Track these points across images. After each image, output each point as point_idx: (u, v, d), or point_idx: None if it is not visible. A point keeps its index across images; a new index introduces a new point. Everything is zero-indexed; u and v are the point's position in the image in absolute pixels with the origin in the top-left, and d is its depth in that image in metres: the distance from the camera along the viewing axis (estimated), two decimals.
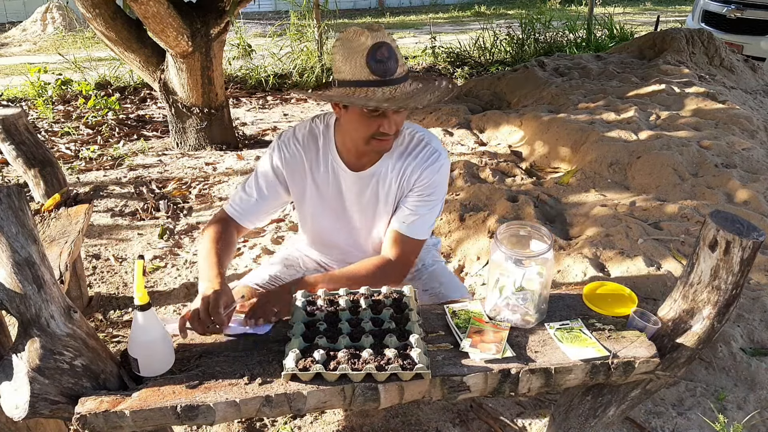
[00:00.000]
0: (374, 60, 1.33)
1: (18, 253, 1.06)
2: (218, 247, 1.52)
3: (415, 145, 1.56)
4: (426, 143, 1.56)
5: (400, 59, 1.37)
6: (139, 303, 1.18)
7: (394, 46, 1.35)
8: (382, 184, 1.57)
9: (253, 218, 1.65)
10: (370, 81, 1.34)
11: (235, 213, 1.63)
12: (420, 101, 1.37)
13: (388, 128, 1.40)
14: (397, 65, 1.35)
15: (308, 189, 1.62)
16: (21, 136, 2.21)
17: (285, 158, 1.60)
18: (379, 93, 1.35)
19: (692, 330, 1.28)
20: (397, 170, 1.56)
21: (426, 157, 1.54)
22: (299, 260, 1.85)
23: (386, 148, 1.48)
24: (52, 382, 1.11)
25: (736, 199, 2.74)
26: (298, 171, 1.60)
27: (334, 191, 1.61)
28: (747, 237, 1.16)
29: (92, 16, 3.61)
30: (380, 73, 1.34)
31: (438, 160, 1.54)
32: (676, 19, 11.38)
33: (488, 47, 7.38)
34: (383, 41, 1.33)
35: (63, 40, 9.30)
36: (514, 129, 3.94)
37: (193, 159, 4.14)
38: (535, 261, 1.31)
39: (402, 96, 1.36)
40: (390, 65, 1.34)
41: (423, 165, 1.54)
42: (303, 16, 6.69)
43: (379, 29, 1.35)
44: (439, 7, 14.11)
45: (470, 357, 1.26)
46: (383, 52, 1.33)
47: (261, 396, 1.15)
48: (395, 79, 1.35)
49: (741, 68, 4.94)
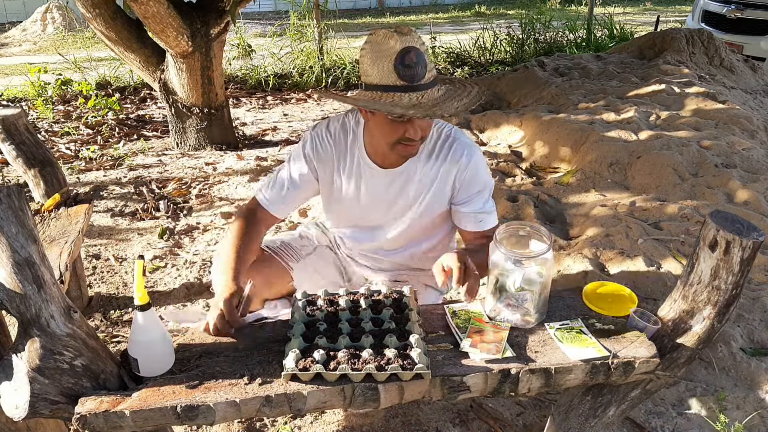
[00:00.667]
0: (402, 65, 1.31)
1: (18, 253, 1.06)
2: (239, 244, 1.52)
3: (442, 144, 1.56)
4: (453, 139, 1.57)
5: (428, 64, 1.35)
6: (139, 303, 1.18)
7: (423, 50, 1.34)
8: (410, 183, 1.59)
9: (284, 206, 1.67)
10: (397, 86, 1.33)
11: (265, 201, 1.65)
12: (447, 109, 1.35)
13: (413, 134, 1.39)
14: (425, 70, 1.34)
15: (335, 181, 1.65)
16: (21, 136, 2.21)
17: (316, 148, 1.62)
18: (406, 99, 1.33)
19: (692, 330, 1.28)
20: (427, 171, 1.57)
21: (457, 158, 1.55)
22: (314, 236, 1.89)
23: (412, 153, 1.48)
24: (52, 382, 1.11)
25: (736, 199, 2.74)
26: (328, 162, 1.63)
27: (359, 186, 1.63)
28: (747, 237, 1.16)
29: (92, 16, 3.60)
30: (408, 78, 1.32)
31: (470, 155, 1.56)
32: (676, 19, 11.37)
33: (488, 47, 7.38)
34: (412, 46, 1.31)
35: (63, 40, 9.30)
36: (514, 129, 3.94)
37: (193, 159, 4.14)
38: (534, 261, 1.31)
39: (429, 102, 1.34)
40: (418, 71, 1.32)
41: (456, 166, 1.55)
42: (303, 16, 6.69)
43: (408, 33, 1.33)
44: (439, 7, 14.11)
45: (470, 357, 1.26)
46: (411, 57, 1.31)
47: (261, 396, 1.15)
48: (423, 85, 1.34)
49: (741, 68, 4.94)
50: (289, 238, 1.86)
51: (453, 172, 1.56)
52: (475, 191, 1.59)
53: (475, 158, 1.57)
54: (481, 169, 1.59)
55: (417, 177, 1.58)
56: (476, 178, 1.58)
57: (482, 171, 1.60)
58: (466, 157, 1.55)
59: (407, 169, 1.57)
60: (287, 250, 1.80)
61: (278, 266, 1.75)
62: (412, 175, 1.58)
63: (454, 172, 1.56)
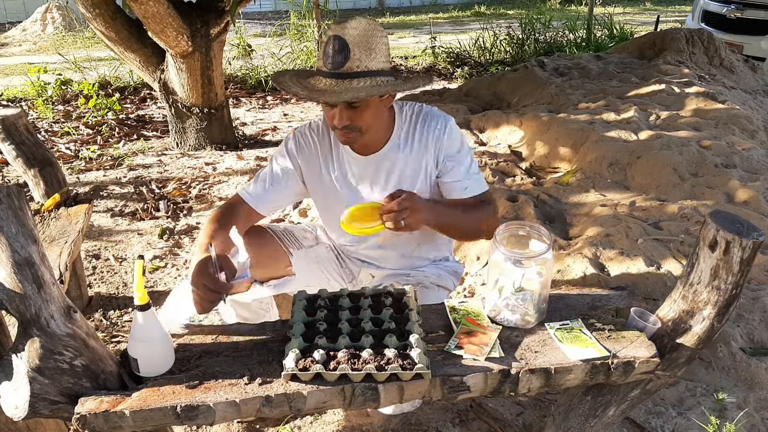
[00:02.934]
0: (324, 52, 1.39)
1: (18, 253, 1.06)
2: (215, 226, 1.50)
3: (415, 121, 1.58)
4: (425, 113, 1.59)
5: (355, 55, 1.36)
6: (139, 303, 1.18)
7: (356, 41, 1.35)
8: (395, 166, 1.59)
9: (266, 202, 1.66)
10: (318, 71, 1.41)
11: (247, 196, 1.64)
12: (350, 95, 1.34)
13: (337, 121, 1.42)
14: (346, 60, 1.36)
15: (324, 177, 1.65)
16: (21, 136, 2.21)
17: (300, 146, 1.64)
18: (321, 83, 1.39)
19: (692, 330, 1.28)
20: (409, 151, 1.58)
21: (432, 127, 1.56)
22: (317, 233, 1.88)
23: (346, 142, 1.50)
24: (52, 382, 1.11)
25: (736, 199, 2.74)
26: (313, 160, 1.64)
27: (348, 178, 1.63)
28: (747, 237, 1.16)
29: (92, 16, 3.60)
30: (327, 64, 1.38)
31: (445, 122, 1.57)
32: (676, 19, 11.37)
33: (488, 47, 7.38)
34: (338, 35, 1.35)
35: (63, 40, 9.30)
36: (514, 129, 3.94)
37: (193, 159, 4.14)
38: (534, 261, 1.31)
39: (342, 90, 1.36)
40: (336, 59, 1.36)
41: (434, 134, 1.56)
42: (303, 16, 6.69)
43: (345, 23, 1.37)
44: (439, 7, 14.10)
45: None
46: (334, 45, 1.36)
47: (261, 396, 1.15)
48: (341, 74, 1.36)
49: (741, 68, 4.94)
50: (291, 227, 1.85)
51: (432, 141, 1.57)
52: (455, 152, 1.58)
53: (450, 124, 1.58)
54: (455, 133, 1.59)
55: (401, 159, 1.58)
56: (453, 141, 1.58)
57: (458, 135, 1.60)
58: (441, 123, 1.57)
59: (389, 152, 1.58)
60: (289, 236, 1.78)
61: (276, 248, 1.73)
62: (395, 159, 1.58)
63: (433, 141, 1.57)
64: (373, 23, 1.40)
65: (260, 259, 1.68)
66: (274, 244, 1.73)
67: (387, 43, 1.44)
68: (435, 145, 1.57)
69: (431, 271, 1.75)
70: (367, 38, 1.37)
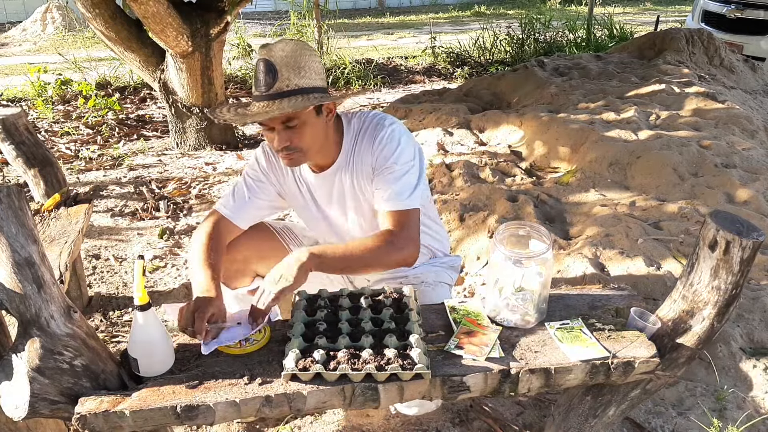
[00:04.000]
0: (255, 77, 1.40)
1: (18, 253, 1.06)
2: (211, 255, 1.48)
3: (361, 135, 1.54)
4: (370, 125, 1.53)
5: (283, 75, 1.35)
6: (139, 303, 1.18)
7: (282, 62, 1.35)
8: (345, 178, 1.57)
9: (246, 216, 1.63)
10: (254, 96, 1.42)
11: (226, 212, 1.61)
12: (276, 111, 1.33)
13: (276, 143, 1.43)
14: (274, 81, 1.35)
15: (296, 191, 1.65)
16: (21, 136, 2.21)
17: (270, 160, 1.64)
18: (255, 107, 1.38)
19: (692, 330, 1.28)
20: (352, 167, 1.55)
21: (372, 136, 1.52)
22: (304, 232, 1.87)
23: (291, 164, 1.48)
24: (52, 382, 1.11)
25: (736, 199, 2.74)
26: (283, 173, 1.64)
27: (313, 195, 1.64)
28: (747, 237, 1.16)
29: (92, 15, 3.60)
30: (259, 88, 1.39)
31: (381, 129, 1.50)
32: (676, 19, 11.37)
33: (488, 47, 7.38)
34: (264, 57, 1.36)
35: (63, 40, 9.30)
36: (514, 129, 3.94)
37: (193, 159, 4.14)
38: (534, 261, 1.31)
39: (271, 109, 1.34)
40: (266, 80, 1.37)
41: (371, 143, 1.52)
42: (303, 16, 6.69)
43: (272, 46, 1.37)
44: (439, 7, 14.11)
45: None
46: (263, 68, 1.37)
47: (261, 396, 1.15)
48: (271, 95, 1.36)
49: (741, 68, 4.94)
50: (291, 224, 1.85)
51: (372, 151, 1.52)
52: (386, 165, 1.49)
53: (389, 131, 1.50)
54: (394, 141, 1.49)
55: (347, 177, 1.56)
56: (387, 152, 1.49)
57: (396, 142, 1.49)
58: (382, 131, 1.51)
59: (336, 171, 1.56)
60: (289, 233, 1.78)
61: (276, 244, 1.73)
62: (341, 177, 1.57)
63: (373, 151, 1.52)
64: (301, 44, 1.39)
65: (261, 251, 1.69)
66: (274, 239, 1.74)
67: (318, 61, 1.42)
68: (373, 156, 1.52)
69: (427, 269, 1.74)
70: (295, 58, 1.36)
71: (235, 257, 1.63)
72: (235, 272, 1.67)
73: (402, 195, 1.48)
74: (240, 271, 1.68)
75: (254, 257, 1.68)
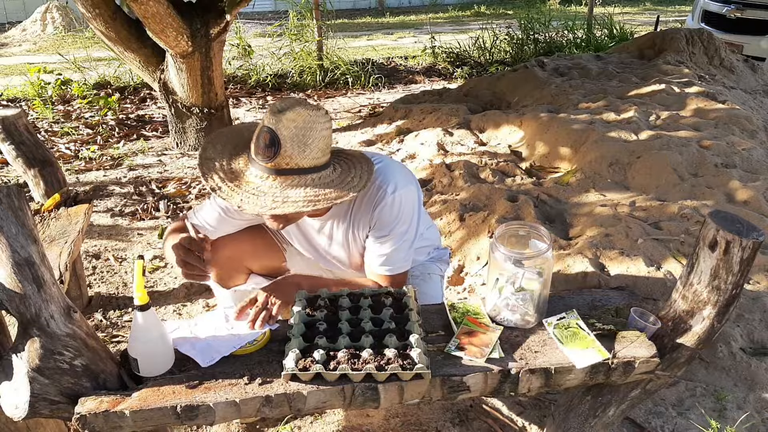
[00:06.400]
0: (257, 142, 1.30)
1: (18, 253, 1.06)
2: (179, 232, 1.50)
3: (365, 192, 1.45)
4: (373, 184, 1.46)
5: (286, 152, 1.26)
6: (139, 303, 1.18)
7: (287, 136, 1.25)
8: (339, 226, 1.55)
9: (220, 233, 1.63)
10: (250, 156, 1.33)
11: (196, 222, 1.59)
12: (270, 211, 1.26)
13: (269, 224, 1.42)
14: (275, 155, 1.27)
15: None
16: (21, 136, 2.21)
17: None
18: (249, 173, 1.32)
19: (692, 330, 1.28)
20: (351, 216, 1.52)
21: (372, 202, 1.47)
22: None
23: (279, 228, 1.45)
24: (52, 382, 1.11)
25: (736, 199, 2.74)
26: None
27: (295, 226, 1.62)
28: (747, 237, 1.16)
29: (92, 15, 3.60)
30: (257, 154, 1.30)
31: (383, 198, 1.44)
32: (676, 19, 11.38)
33: (488, 47, 7.38)
34: (270, 127, 1.26)
35: (63, 40, 9.29)
36: (514, 129, 3.94)
37: (193, 159, 4.13)
38: (534, 261, 1.31)
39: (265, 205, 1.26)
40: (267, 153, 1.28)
41: (370, 208, 1.47)
42: (302, 16, 6.69)
43: (282, 114, 1.26)
44: (439, 7, 14.10)
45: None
46: (265, 138, 1.28)
47: (261, 396, 1.15)
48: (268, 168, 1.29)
49: (741, 68, 4.94)
50: None
51: (368, 214, 1.48)
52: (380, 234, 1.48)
53: (390, 200, 1.44)
54: (395, 210, 1.45)
55: (340, 228, 1.55)
56: (385, 220, 1.46)
57: (396, 213, 1.46)
58: (383, 198, 1.45)
59: (329, 220, 1.55)
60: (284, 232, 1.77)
61: (270, 242, 1.73)
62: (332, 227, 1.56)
63: (368, 213, 1.48)
64: (314, 114, 1.28)
65: (256, 249, 1.69)
66: (268, 238, 1.75)
67: (327, 135, 1.32)
68: (371, 220, 1.49)
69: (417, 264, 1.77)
70: (304, 132, 1.27)
71: (229, 255, 1.64)
72: (229, 271, 1.68)
73: (395, 264, 1.52)
74: (234, 269, 1.69)
75: (248, 254, 1.68)
